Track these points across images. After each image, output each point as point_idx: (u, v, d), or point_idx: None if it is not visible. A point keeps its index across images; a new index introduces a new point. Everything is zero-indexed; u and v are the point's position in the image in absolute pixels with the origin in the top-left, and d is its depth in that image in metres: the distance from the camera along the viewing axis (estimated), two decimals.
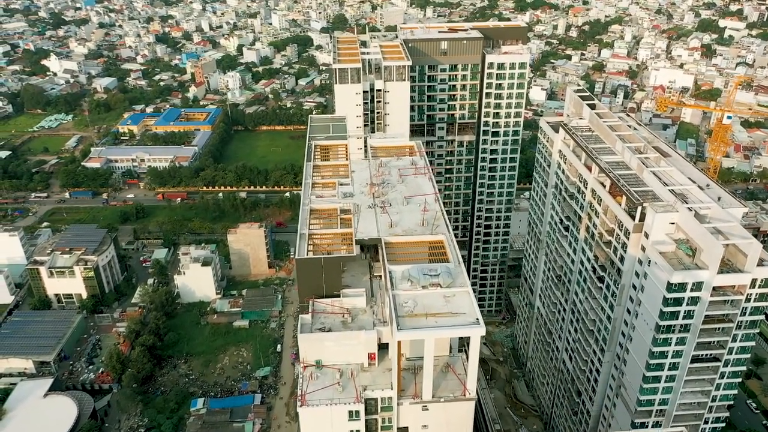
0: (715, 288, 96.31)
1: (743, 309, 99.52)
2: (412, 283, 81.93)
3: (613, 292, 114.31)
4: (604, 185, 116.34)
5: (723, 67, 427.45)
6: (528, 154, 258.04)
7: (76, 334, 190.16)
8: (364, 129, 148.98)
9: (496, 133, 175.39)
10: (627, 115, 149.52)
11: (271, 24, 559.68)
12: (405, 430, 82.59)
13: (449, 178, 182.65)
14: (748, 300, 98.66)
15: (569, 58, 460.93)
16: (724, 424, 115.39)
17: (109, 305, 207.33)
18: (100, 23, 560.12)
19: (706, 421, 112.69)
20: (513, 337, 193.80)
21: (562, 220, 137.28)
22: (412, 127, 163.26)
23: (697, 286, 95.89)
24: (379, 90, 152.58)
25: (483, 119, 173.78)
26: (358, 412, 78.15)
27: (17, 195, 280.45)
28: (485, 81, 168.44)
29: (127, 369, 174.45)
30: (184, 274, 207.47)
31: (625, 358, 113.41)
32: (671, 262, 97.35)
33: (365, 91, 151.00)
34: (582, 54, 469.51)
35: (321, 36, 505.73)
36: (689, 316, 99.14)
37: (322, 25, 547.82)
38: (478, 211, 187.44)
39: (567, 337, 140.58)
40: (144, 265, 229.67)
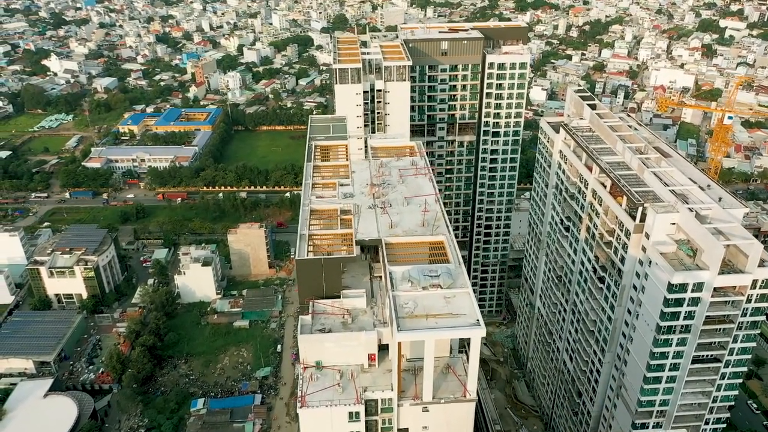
0: (715, 289, 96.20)
1: (744, 310, 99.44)
2: (412, 284, 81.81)
3: (613, 292, 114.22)
4: (604, 185, 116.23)
5: (724, 67, 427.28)
6: (528, 154, 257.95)
7: (76, 334, 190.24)
8: (365, 129, 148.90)
9: (496, 134, 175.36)
10: (627, 115, 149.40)
11: (271, 24, 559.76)
12: (405, 431, 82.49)
13: (449, 179, 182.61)
14: (749, 301, 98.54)
15: (570, 58, 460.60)
16: (724, 425, 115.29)
17: (110, 305, 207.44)
18: (100, 23, 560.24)
19: (707, 422, 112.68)
20: (513, 338, 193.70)
21: (562, 221, 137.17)
22: (413, 128, 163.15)
23: (698, 287, 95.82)
24: (379, 90, 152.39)
25: (483, 119, 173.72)
26: (358, 413, 78.10)
27: (17, 195, 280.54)
28: (486, 81, 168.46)
29: (128, 369, 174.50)
30: (185, 274, 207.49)
31: (626, 358, 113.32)
32: (672, 262, 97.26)
33: (365, 92, 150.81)
34: (582, 54, 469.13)
35: (321, 36, 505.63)
36: (690, 316, 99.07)
37: (322, 25, 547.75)
38: (478, 211, 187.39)
39: (567, 338, 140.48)
40: (144, 265, 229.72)
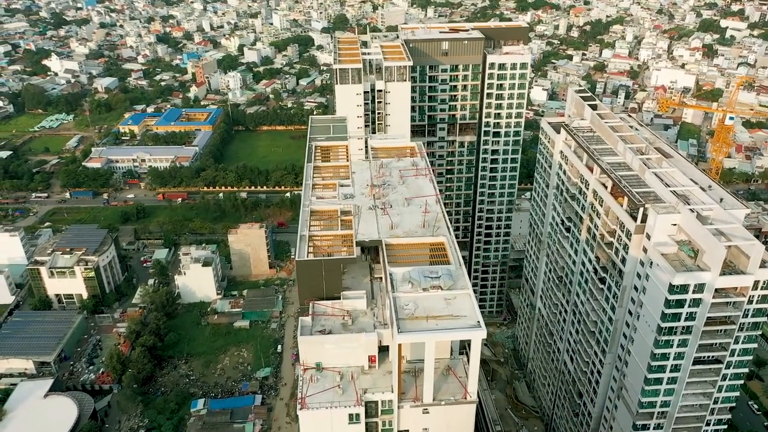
0: (717, 290, 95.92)
1: (745, 311, 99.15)
2: (412, 286, 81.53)
3: (614, 293, 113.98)
4: (605, 186, 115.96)
5: (724, 67, 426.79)
6: (529, 154, 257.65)
7: (76, 334, 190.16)
8: (365, 130, 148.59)
9: (497, 134, 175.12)
10: (628, 115, 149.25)
11: (272, 24, 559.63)
12: None
13: (450, 179, 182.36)
14: (750, 302, 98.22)
15: (570, 58, 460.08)
16: (725, 426, 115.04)
17: (110, 305, 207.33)
18: (101, 23, 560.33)
19: (708, 423, 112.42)
20: (514, 338, 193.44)
21: (563, 221, 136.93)
22: (413, 128, 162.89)
23: (699, 288, 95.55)
24: (380, 90, 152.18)
25: (484, 120, 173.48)
26: (358, 415, 77.77)
27: (18, 195, 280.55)
28: (486, 81, 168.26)
29: (128, 369, 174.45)
30: (185, 274, 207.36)
31: (627, 359, 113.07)
32: (673, 263, 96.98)
33: (366, 92, 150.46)
34: (583, 54, 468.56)
35: (322, 36, 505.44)
36: (691, 317, 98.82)
37: (323, 25, 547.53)
38: (479, 211, 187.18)
39: (568, 339, 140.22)
40: (144, 265, 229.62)
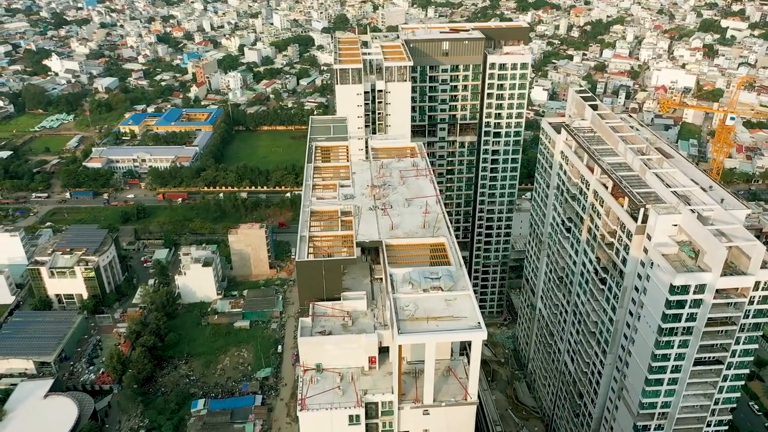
0: (717, 290, 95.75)
1: (746, 312, 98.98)
2: (413, 286, 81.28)
3: (615, 294, 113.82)
4: (606, 186, 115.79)
5: (725, 67, 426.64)
6: (529, 154, 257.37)
7: (76, 334, 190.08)
8: (365, 130, 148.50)
9: (497, 134, 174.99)
10: (629, 115, 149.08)
11: (272, 24, 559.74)
12: None
13: (450, 179, 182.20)
14: (751, 302, 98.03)
15: (571, 58, 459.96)
16: (726, 427, 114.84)
17: (110, 306, 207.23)
18: (101, 23, 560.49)
19: (709, 424, 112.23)
20: (514, 339, 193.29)
21: (563, 222, 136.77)
22: (414, 128, 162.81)
23: (700, 289, 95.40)
24: (380, 91, 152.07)
25: (484, 120, 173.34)
26: (358, 416, 77.53)
27: (18, 195, 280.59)
28: (487, 81, 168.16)
29: (128, 370, 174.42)
30: (185, 274, 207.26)
31: (627, 360, 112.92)
32: (674, 264, 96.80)
33: (366, 92, 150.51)
34: (584, 54, 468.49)
35: (322, 36, 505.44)
36: (692, 318, 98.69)
37: (323, 25, 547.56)
38: (479, 212, 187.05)
39: (569, 339, 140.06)
40: (145, 265, 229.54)
